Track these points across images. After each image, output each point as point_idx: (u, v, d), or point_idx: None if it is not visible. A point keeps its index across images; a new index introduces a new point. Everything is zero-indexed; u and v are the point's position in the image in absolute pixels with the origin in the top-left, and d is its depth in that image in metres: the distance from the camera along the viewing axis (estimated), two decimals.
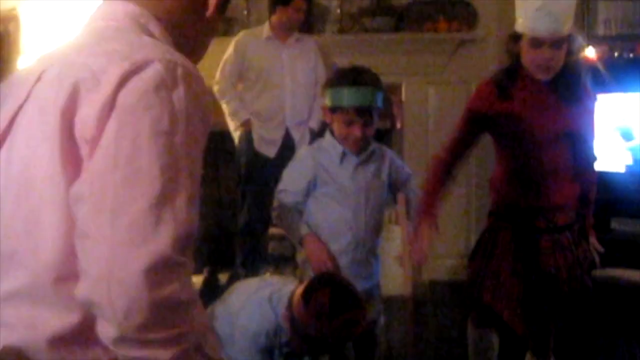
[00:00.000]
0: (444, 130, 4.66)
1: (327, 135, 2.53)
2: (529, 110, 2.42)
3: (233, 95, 4.21)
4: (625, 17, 4.34)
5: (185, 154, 0.98)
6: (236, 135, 4.28)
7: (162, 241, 0.92)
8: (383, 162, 2.58)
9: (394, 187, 2.64)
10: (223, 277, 4.28)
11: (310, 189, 2.48)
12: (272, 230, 4.54)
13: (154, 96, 0.96)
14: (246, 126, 4.21)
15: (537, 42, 2.34)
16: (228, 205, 4.79)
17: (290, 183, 2.51)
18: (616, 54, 4.00)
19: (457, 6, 4.67)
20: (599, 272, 3.67)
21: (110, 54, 1.00)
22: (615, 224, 3.79)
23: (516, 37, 2.41)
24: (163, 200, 0.94)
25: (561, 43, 2.33)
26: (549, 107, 2.42)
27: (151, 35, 1.10)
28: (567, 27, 2.32)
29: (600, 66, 3.82)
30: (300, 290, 2.14)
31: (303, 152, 2.61)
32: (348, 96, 2.39)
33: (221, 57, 4.24)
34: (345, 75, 2.45)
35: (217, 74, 4.19)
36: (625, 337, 3.34)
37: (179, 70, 0.99)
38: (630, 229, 3.73)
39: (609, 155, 3.81)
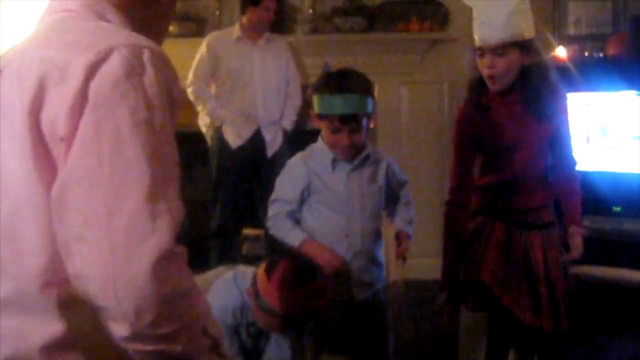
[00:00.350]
0: (416, 129, 4.70)
1: (319, 141, 2.47)
2: (506, 121, 2.44)
3: (209, 96, 4.19)
4: (594, 17, 4.40)
5: (165, 139, 0.96)
6: (208, 135, 4.26)
7: (161, 235, 0.90)
8: (379, 166, 2.50)
9: (389, 191, 2.56)
10: (197, 280, 4.24)
11: (304, 197, 2.41)
12: (246, 231, 4.52)
13: (126, 84, 0.93)
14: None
15: (481, 51, 2.37)
16: (201, 207, 4.76)
17: (284, 192, 2.44)
18: (586, 54, 4.04)
19: (429, 6, 4.68)
20: (571, 270, 3.71)
21: (72, 46, 0.97)
22: (586, 222, 3.82)
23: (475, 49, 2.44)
24: (155, 192, 0.91)
25: (502, 51, 2.33)
26: (521, 117, 2.44)
27: (109, 22, 1.07)
28: (507, 34, 2.31)
29: (570, 66, 3.86)
30: (263, 265, 2.13)
31: (294, 159, 2.51)
32: (333, 104, 2.32)
33: (192, 58, 4.22)
34: (331, 81, 2.38)
35: (190, 76, 4.16)
36: (599, 333, 3.37)
37: (146, 53, 0.96)
38: (602, 226, 3.76)
39: (580, 154, 3.84)
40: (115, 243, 0.89)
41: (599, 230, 3.76)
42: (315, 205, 2.42)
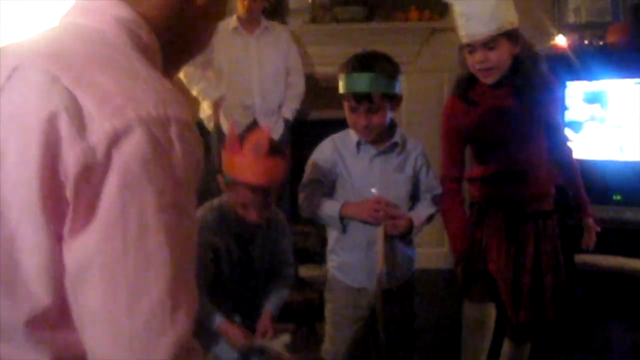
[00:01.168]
0: (416, 118, 4.69)
1: None
2: (495, 116, 2.43)
3: (200, 77, 4.13)
4: (594, 5, 4.38)
5: (188, 218, 0.91)
6: (210, 126, 4.26)
7: (180, 329, 0.87)
8: (409, 156, 2.43)
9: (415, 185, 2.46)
10: None
11: (333, 178, 2.40)
12: None
13: (154, 164, 0.87)
14: (220, 102, 4.15)
15: (470, 48, 2.35)
16: (203, 195, 4.76)
17: (311, 173, 2.43)
18: (586, 42, 4.03)
19: None
20: (575, 259, 3.72)
21: (99, 95, 0.88)
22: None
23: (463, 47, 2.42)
24: (177, 282, 0.88)
25: (493, 44, 2.31)
26: (512, 110, 2.42)
27: (141, 44, 0.98)
28: (496, 26, 2.28)
29: (570, 54, 3.85)
30: None
31: (325, 141, 2.49)
32: (347, 83, 2.32)
33: None
34: (349, 61, 2.36)
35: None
36: (599, 321, 3.39)
37: (173, 128, 0.89)
38: (602, 215, 3.77)
39: (582, 143, 3.84)
40: (134, 334, 0.86)
41: (599, 218, 3.75)
42: (337, 189, 2.41)
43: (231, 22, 4.22)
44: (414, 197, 2.48)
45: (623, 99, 3.66)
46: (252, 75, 4.18)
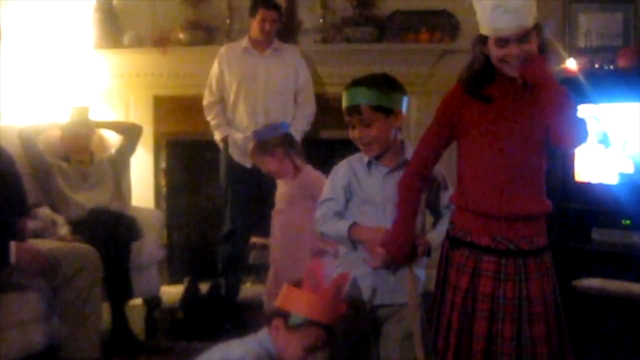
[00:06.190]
0: None
1: None
2: (506, 107, 2.27)
3: (217, 111, 4.28)
4: (605, 29, 4.39)
5: None
6: (221, 145, 4.30)
7: None
8: None
9: (429, 204, 2.48)
10: (204, 287, 4.26)
11: (347, 197, 2.43)
12: (254, 240, 4.52)
13: None
14: (225, 141, 4.28)
15: (502, 41, 2.20)
16: (211, 215, 4.77)
17: (328, 192, 2.46)
18: (597, 66, 4.03)
19: (439, 17, 4.68)
20: (579, 283, 3.69)
21: None
22: (595, 235, 3.81)
23: (483, 39, 2.33)
24: None
25: (527, 37, 2.18)
26: (525, 104, 2.25)
27: None
28: (529, 19, 2.17)
29: (581, 78, 3.85)
30: (286, 288, 2.06)
31: (340, 162, 2.52)
32: (343, 100, 2.39)
33: (204, 65, 4.31)
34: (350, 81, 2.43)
35: (206, 90, 4.29)
36: (607, 348, 3.35)
37: None
38: (611, 239, 3.75)
39: (591, 166, 3.83)
40: None
41: (608, 243, 3.74)
42: (352, 208, 2.43)
43: (243, 42, 4.27)
44: (436, 213, 2.51)
45: (633, 122, 3.65)
46: (257, 93, 4.22)
